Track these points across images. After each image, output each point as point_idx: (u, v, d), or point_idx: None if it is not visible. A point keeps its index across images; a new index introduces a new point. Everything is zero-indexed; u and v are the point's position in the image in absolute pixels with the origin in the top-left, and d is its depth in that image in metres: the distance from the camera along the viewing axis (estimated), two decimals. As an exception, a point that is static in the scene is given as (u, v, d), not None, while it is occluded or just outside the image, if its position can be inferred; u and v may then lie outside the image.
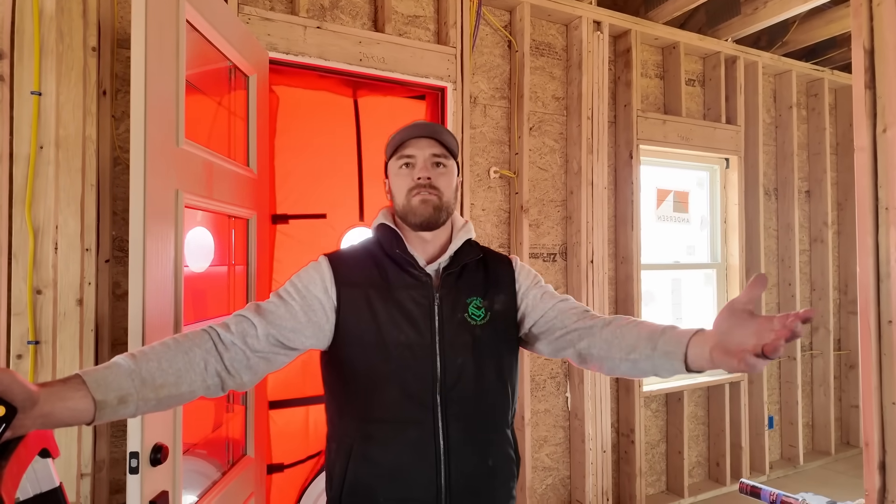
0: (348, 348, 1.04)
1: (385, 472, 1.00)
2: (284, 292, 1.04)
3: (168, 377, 0.84)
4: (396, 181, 1.10)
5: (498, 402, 1.08)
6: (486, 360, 1.06)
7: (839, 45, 3.60)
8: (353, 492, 1.02)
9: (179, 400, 0.87)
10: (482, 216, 2.63)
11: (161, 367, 0.83)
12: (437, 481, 1.00)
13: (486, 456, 1.05)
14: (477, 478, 1.03)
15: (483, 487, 1.04)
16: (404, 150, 1.09)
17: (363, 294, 1.04)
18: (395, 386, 1.01)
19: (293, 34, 2.09)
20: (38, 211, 1.53)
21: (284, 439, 2.13)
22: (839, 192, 3.95)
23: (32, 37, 1.52)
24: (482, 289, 1.09)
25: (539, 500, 2.74)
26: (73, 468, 1.59)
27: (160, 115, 1.18)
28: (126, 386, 0.78)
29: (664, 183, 3.31)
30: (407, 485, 1.00)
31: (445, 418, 1.01)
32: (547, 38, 2.83)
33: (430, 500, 1.00)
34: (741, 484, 1.97)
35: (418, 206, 1.06)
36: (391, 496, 1.00)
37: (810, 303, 3.80)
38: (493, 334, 1.07)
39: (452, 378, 1.02)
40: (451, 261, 1.10)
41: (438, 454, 1.00)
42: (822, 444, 3.73)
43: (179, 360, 0.86)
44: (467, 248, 1.12)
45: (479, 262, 1.14)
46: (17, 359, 1.49)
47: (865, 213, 1.62)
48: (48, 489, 0.74)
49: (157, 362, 0.83)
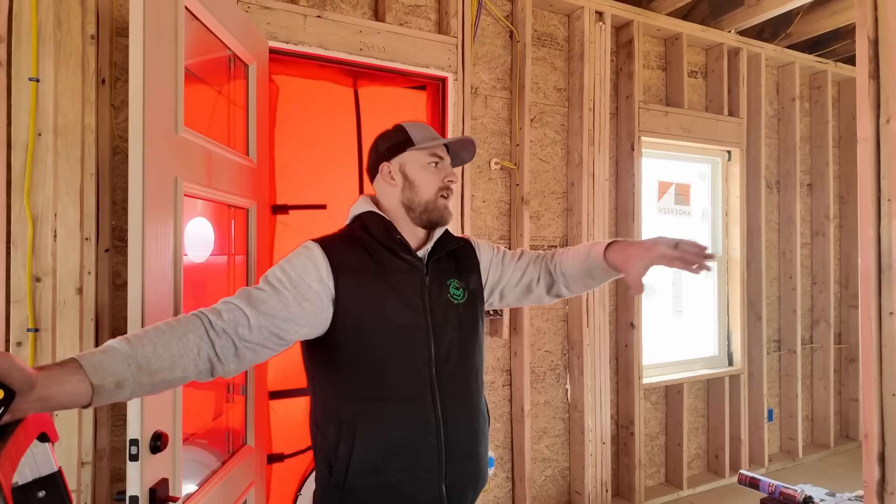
0: (349, 333, 1.06)
1: (394, 446, 1.06)
2: (276, 280, 1.02)
3: (163, 362, 0.84)
4: (425, 174, 1.15)
5: (479, 371, 1.20)
6: (468, 335, 1.18)
7: (843, 37, 3.57)
8: (361, 468, 1.05)
9: (172, 384, 0.88)
10: (483, 208, 2.62)
11: (157, 352, 0.84)
12: (439, 448, 1.08)
13: (473, 420, 1.16)
14: (468, 440, 1.14)
15: (472, 448, 1.15)
16: (437, 150, 1.16)
17: (361, 280, 1.07)
18: (399, 365, 1.07)
19: (293, 23, 2.08)
20: (36, 198, 1.53)
21: (284, 429, 2.14)
22: (841, 186, 3.94)
23: (30, 22, 1.51)
24: (457, 271, 1.21)
25: (538, 490, 2.75)
26: (74, 456, 1.59)
27: (159, 102, 1.17)
28: (122, 371, 0.79)
29: (666, 175, 3.29)
30: (413, 456, 1.07)
31: (441, 391, 1.10)
32: (549, 29, 2.82)
33: (434, 467, 1.08)
34: (740, 475, 1.98)
35: (444, 210, 1.16)
36: (399, 467, 1.06)
37: (811, 296, 3.80)
38: (472, 311, 1.20)
39: (444, 354, 1.12)
40: (434, 248, 1.18)
41: (438, 424, 1.09)
42: (822, 437, 3.74)
43: (174, 345, 0.86)
44: (447, 236, 1.22)
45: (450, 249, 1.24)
46: (16, 346, 1.49)
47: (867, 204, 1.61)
48: (47, 473, 0.74)
49: (153, 347, 0.84)
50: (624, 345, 2.96)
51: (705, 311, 3.43)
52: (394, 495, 1.06)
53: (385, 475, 1.05)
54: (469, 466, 1.14)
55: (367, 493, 1.06)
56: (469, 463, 1.14)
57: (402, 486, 1.06)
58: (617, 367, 2.99)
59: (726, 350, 3.41)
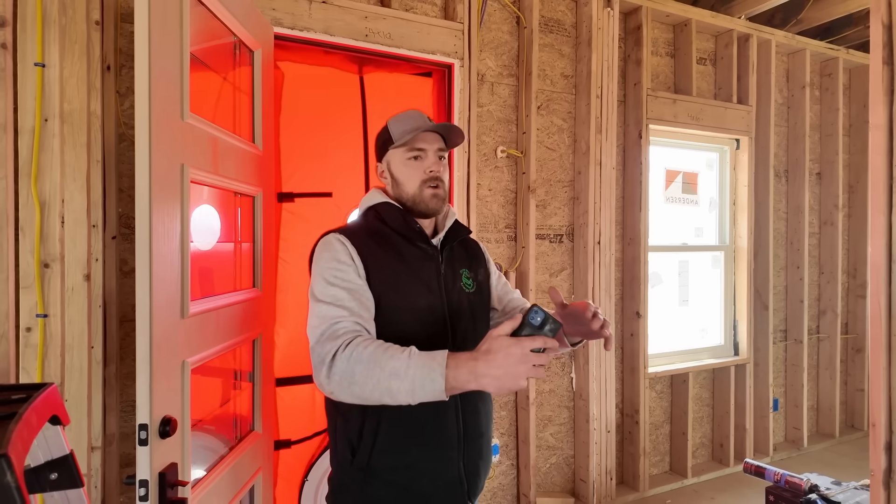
0: (377, 318, 1.10)
1: (418, 428, 1.10)
2: (350, 283, 1.08)
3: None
4: (406, 171, 1.18)
5: None
6: (480, 322, 1.25)
7: (855, 23, 3.51)
8: (386, 450, 1.09)
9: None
10: (488, 196, 2.61)
11: None
12: (458, 427, 1.14)
13: (483, 402, 1.22)
14: (480, 421, 1.20)
15: (484, 428, 1.21)
16: (415, 143, 1.17)
17: (386, 266, 1.13)
18: (422, 347, 1.10)
19: (298, 8, 2.06)
20: (44, 184, 1.53)
21: (291, 416, 2.15)
22: (851, 175, 3.90)
23: (35, 6, 1.50)
24: (467, 262, 1.27)
25: (543, 478, 2.77)
26: (84, 441, 1.61)
27: (165, 88, 1.16)
28: None
29: (673, 164, 3.27)
30: (435, 436, 1.12)
31: None
32: (556, 15, 2.78)
33: (453, 447, 1.13)
34: (746, 464, 1.99)
35: (430, 200, 1.17)
36: (423, 447, 1.11)
37: (818, 286, 3.78)
38: (480, 300, 1.27)
39: (460, 338, 1.16)
40: (445, 237, 1.23)
41: (456, 405, 1.14)
42: (827, 426, 3.74)
43: None
44: (457, 226, 1.27)
45: (461, 239, 1.29)
46: (26, 331, 1.50)
47: (879, 192, 1.59)
48: (59, 456, 0.75)
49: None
50: (630, 334, 2.96)
51: (712, 301, 3.42)
52: (417, 474, 1.10)
53: (409, 455, 1.10)
54: (482, 445, 1.20)
55: (390, 473, 1.10)
56: (482, 441, 1.20)
57: (425, 465, 1.11)
58: (622, 356, 2.99)
59: (732, 340, 3.41)
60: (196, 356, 1.28)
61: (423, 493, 1.11)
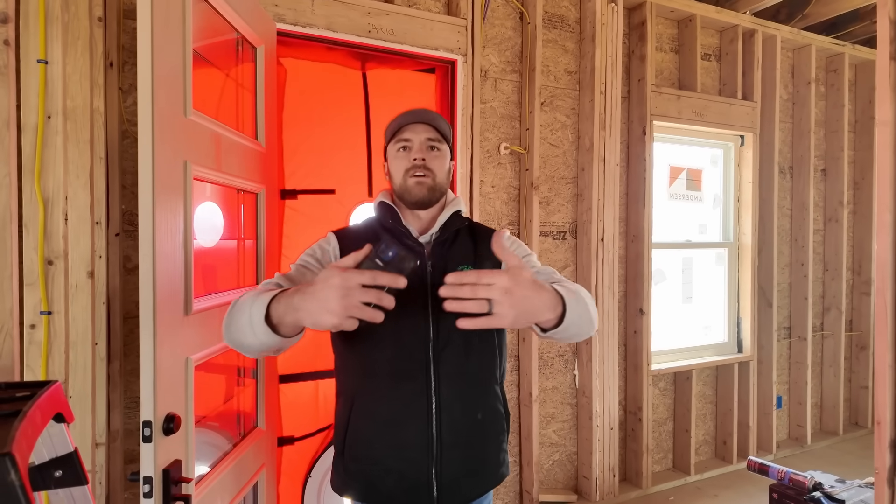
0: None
1: (382, 423, 1.10)
2: (304, 262, 1.14)
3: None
4: (394, 163, 1.19)
5: (485, 361, 1.17)
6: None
7: (861, 18, 3.48)
8: (355, 441, 1.12)
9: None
10: (492, 193, 2.60)
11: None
12: (429, 432, 1.10)
13: (475, 410, 1.14)
14: (467, 430, 1.13)
15: (474, 439, 1.14)
16: (402, 134, 1.18)
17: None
18: (390, 344, 1.10)
19: (301, 5, 2.05)
20: (47, 181, 1.53)
21: (295, 413, 2.16)
22: (856, 171, 3.88)
23: (37, 3, 1.50)
24: (472, 257, 1.19)
25: (546, 475, 2.77)
26: (88, 438, 1.61)
27: (167, 85, 1.16)
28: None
29: (677, 160, 3.25)
30: (402, 435, 1.10)
31: (437, 376, 1.11)
32: (560, 10, 2.77)
33: (423, 449, 1.09)
34: (749, 461, 1.98)
35: (414, 187, 1.15)
36: (388, 444, 1.10)
37: (823, 283, 3.76)
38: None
39: (443, 339, 1.11)
40: (440, 231, 1.19)
41: (430, 407, 1.10)
42: (831, 424, 3.73)
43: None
44: (455, 219, 1.21)
45: (469, 234, 1.23)
46: (30, 328, 1.51)
47: (885, 189, 1.58)
48: (63, 453, 0.75)
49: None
50: (633, 331, 2.95)
51: (715, 298, 3.41)
52: (384, 470, 1.11)
53: (375, 450, 1.11)
54: (467, 457, 1.13)
55: (363, 464, 1.12)
56: (468, 453, 1.13)
57: (391, 463, 1.10)
58: (626, 354, 2.99)
59: (736, 337, 3.40)
60: (199, 353, 1.28)
61: (390, 492, 1.10)
